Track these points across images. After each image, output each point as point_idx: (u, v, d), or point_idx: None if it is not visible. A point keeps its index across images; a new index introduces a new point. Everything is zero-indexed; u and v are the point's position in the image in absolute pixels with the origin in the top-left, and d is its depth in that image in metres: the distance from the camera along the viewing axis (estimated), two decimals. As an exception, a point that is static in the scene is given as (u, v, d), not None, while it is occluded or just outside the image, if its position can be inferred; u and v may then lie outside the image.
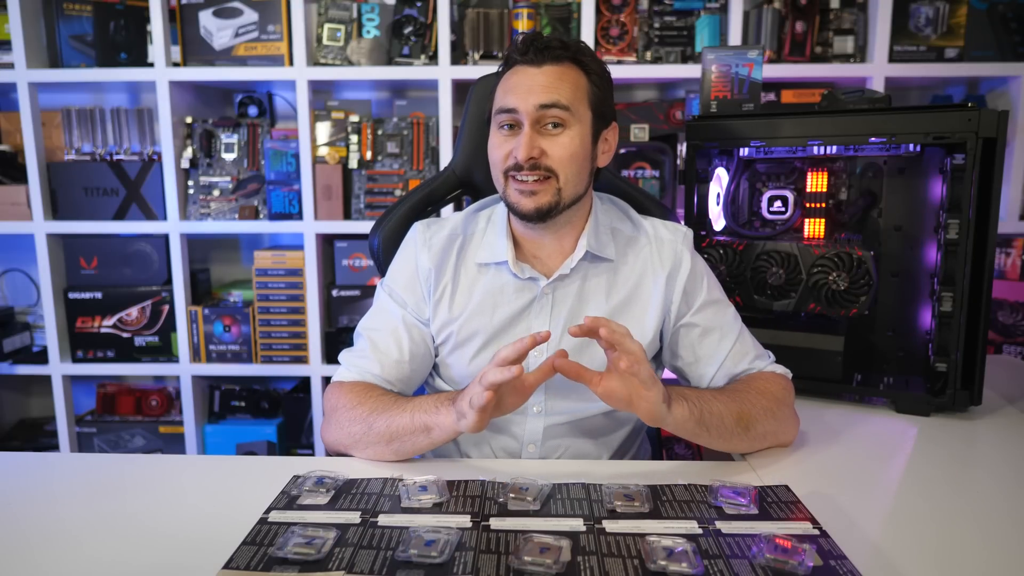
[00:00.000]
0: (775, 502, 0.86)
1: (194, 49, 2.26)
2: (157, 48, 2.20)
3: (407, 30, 2.24)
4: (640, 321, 1.11)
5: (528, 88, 1.01)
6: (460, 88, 2.28)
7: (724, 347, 1.11)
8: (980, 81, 2.34)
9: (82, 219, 2.31)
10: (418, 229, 1.16)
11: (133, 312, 2.35)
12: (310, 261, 2.29)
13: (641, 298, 1.12)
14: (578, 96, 1.03)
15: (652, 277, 1.12)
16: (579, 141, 1.03)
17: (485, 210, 1.18)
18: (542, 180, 1.02)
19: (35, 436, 2.56)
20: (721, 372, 1.10)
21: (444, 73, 2.19)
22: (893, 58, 2.16)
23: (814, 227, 1.36)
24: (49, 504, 0.89)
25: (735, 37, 2.16)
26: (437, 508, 0.85)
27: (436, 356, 1.16)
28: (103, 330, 2.36)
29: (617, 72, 2.16)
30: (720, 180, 1.42)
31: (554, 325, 1.10)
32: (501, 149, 1.04)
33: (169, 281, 2.34)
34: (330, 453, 1.09)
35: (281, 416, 2.45)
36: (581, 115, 1.03)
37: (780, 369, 1.12)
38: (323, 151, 2.29)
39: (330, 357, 2.33)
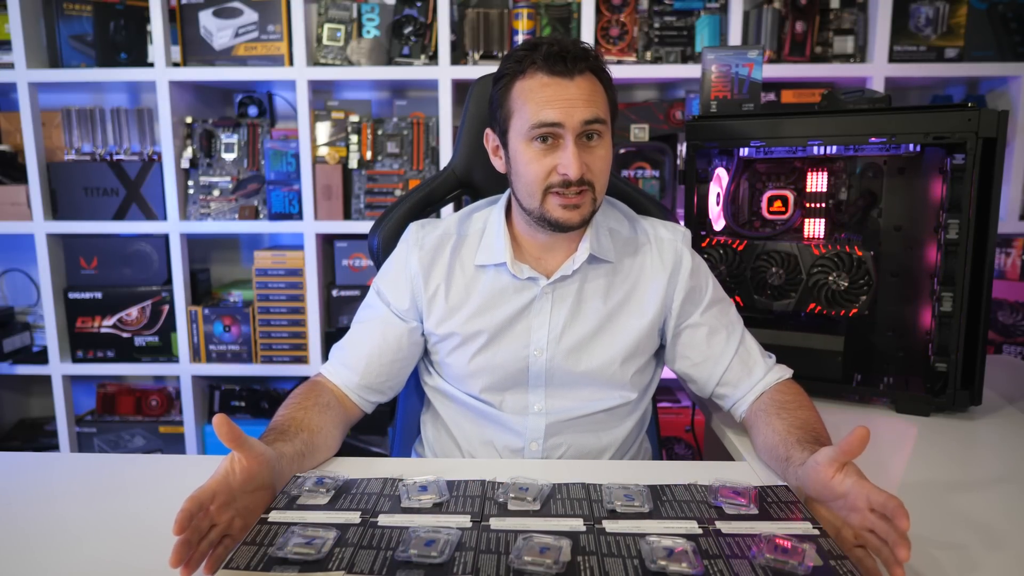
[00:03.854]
0: (775, 502, 0.86)
1: (194, 49, 2.26)
2: (157, 48, 2.20)
3: (407, 30, 2.24)
4: (638, 320, 1.11)
5: (569, 102, 1.00)
6: (460, 88, 2.28)
7: (732, 346, 1.12)
8: (980, 81, 2.34)
9: (82, 219, 2.31)
10: (412, 230, 1.17)
11: (133, 312, 2.35)
12: (310, 261, 2.29)
13: (639, 297, 1.12)
14: (606, 106, 1.04)
15: (652, 276, 1.12)
16: (610, 150, 1.05)
17: (481, 212, 1.18)
18: (583, 194, 1.03)
19: (35, 436, 2.56)
20: (731, 371, 1.11)
21: (444, 73, 2.19)
22: (893, 58, 2.16)
23: (814, 227, 1.36)
24: (49, 504, 0.89)
25: (735, 37, 2.16)
26: (437, 508, 0.85)
27: (436, 356, 1.16)
28: (103, 330, 2.36)
29: (617, 72, 2.16)
30: (720, 180, 1.42)
31: (553, 324, 1.10)
32: (540, 164, 1.02)
33: (169, 281, 2.34)
34: None
35: (281, 416, 2.45)
36: (609, 124, 1.05)
37: (788, 372, 1.13)
38: (323, 151, 2.29)
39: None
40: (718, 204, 1.42)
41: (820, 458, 0.80)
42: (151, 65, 2.26)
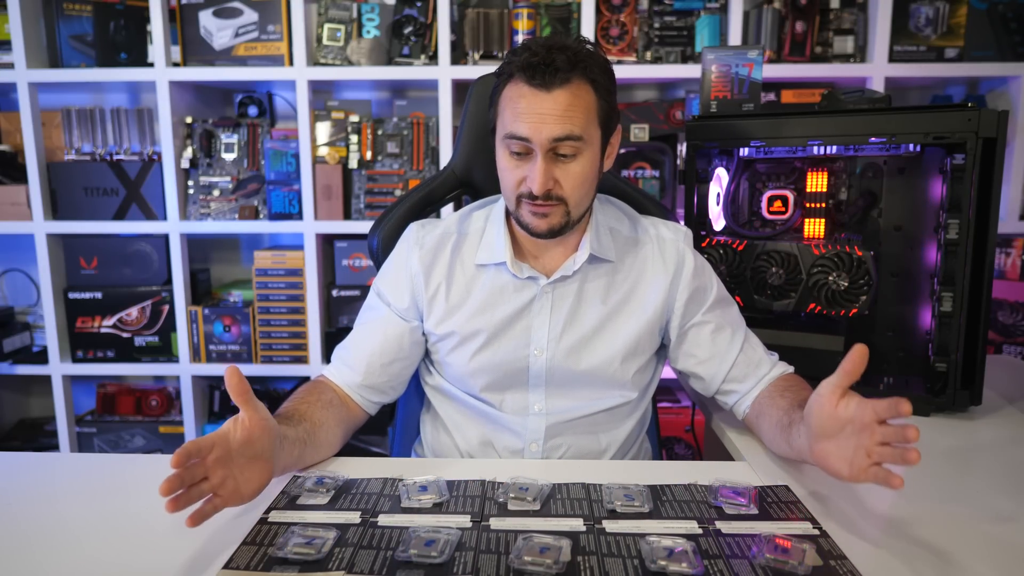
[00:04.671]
0: (775, 502, 0.86)
1: (194, 49, 2.26)
2: (157, 48, 2.20)
3: (407, 30, 2.24)
4: (638, 319, 1.11)
5: (540, 117, 0.97)
6: (460, 88, 2.28)
7: (737, 343, 1.12)
8: (980, 81, 2.34)
9: (82, 219, 2.31)
10: (412, 229, 1.17)
11: (133, 312, 2.35)
12: (310, 261, 2.29)
13: (640, 297, 1.12)
14: (589, 119, 0.99)
15: (653, 276, 1.12)
16: (590, 165, 1.02)
17: (482, 210, 1.18)
18: (553, 205, 1.02)
19: (35, 436, 2.56)
20: (736, 368, 1.11)
21: (444, 73, 2.19)
22: (893, 58, 2.16)
23: (814, 227, 1.36)
24: (49, 504, 0.89)
25: (735, 37, 2.16)
26: (437, 508, 0.85)
27: (436, 355, 1.17)
28: (103, 330, 2.36)
29: (617, 72, 2.13)
30: (720, 180, 1.42)
31: (554, 323, 1.10)
32: (513, 174, 1.02)
33: (169, 281, 2.34)
34: None
35: (281, 416, 2.45)
36: (592, 138, 1.01)
37: (790, 368, 1.14)
38: (323, 151, 2.29)
39: (330, 357, 2.32)
40: (718, 204, 1.42)
41: (822, 389, 0.82)
42: (151, 65, 2.25)
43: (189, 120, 2.32)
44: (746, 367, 1.11)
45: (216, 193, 2.33)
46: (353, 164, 2.29)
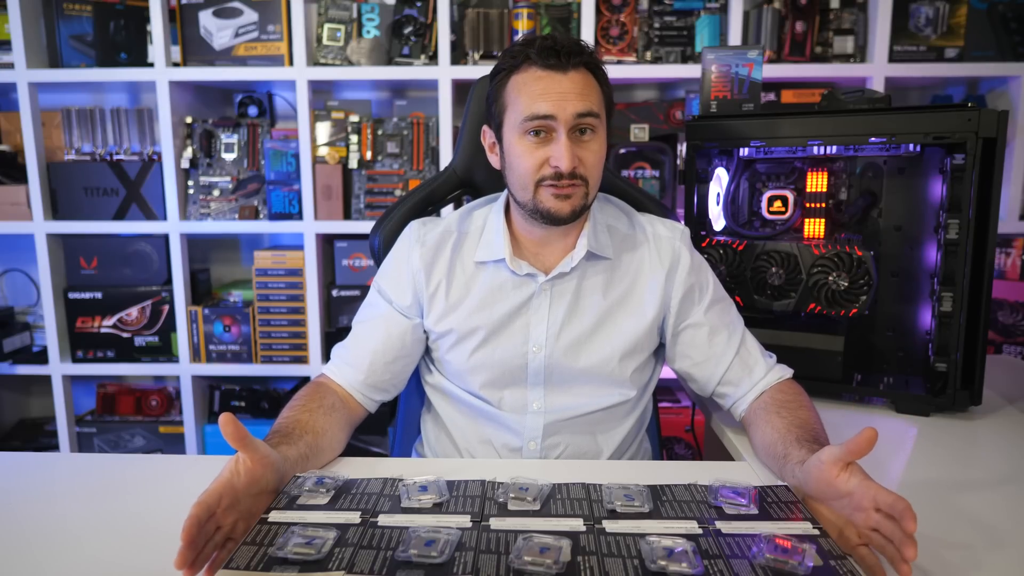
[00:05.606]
0: (775, 502, 0.86)
1: (194, 49, 2.26)
2: (157, 48, 2.20)
3: (407, 30, 2.24)
4: (636, 317, 1.12)
5: (562, 95, 1.00)
6: (460, 88, 2.28)
7: (733, 346, 1.12)
8: (980, 81, 2.34)
9: (82, 219, 2.31)
10: (413, 227, 1.17)
11: (133, 312, 2.35)
12: (310, 261, 2.29)
13: (638, 294, 1.12)
14: (600, 101, 1.04)
15: (650, 274, 1.12)
16: (603, 145, 1.06)
17: (481, 209, 1.19)
18: (576, 186, 1.03)
19: (35, 436, 2.57)
20: (732, 371, 1.11)
21: (444, 73, 2.19)
22: (893, 58, 2.16)
23: (814, 227, 1.36)
24: (49, 504, 0.89)
25: (735, 37, 2.16)
26: (437, 508, 0.85)
27: (436, 352, 1.17)
28: (103, 330, 2.36)
29: (617, 72, 2.16)
30: (720, 180, 1.42)
31: (552, 320, 1.10)
32: (532, 157, 1.03)
33: (169, 281, 2.34)
34: None
35: (281, 416, 2.45)
36: (603, 119, 1.05)
37: (788, 371, 1.13)
38: (323, 151, 2.29)
39: (330, 357, 2.33)
40: (718, 204, 1.42)
41: (825, 456, 0.80)
42: (151, 65, 2.26)
43: (189, 120, 2.32)
44: (741, 370, 1.11)
45: (216, 193, 2.33)
46: (353, 164, 2.29)
